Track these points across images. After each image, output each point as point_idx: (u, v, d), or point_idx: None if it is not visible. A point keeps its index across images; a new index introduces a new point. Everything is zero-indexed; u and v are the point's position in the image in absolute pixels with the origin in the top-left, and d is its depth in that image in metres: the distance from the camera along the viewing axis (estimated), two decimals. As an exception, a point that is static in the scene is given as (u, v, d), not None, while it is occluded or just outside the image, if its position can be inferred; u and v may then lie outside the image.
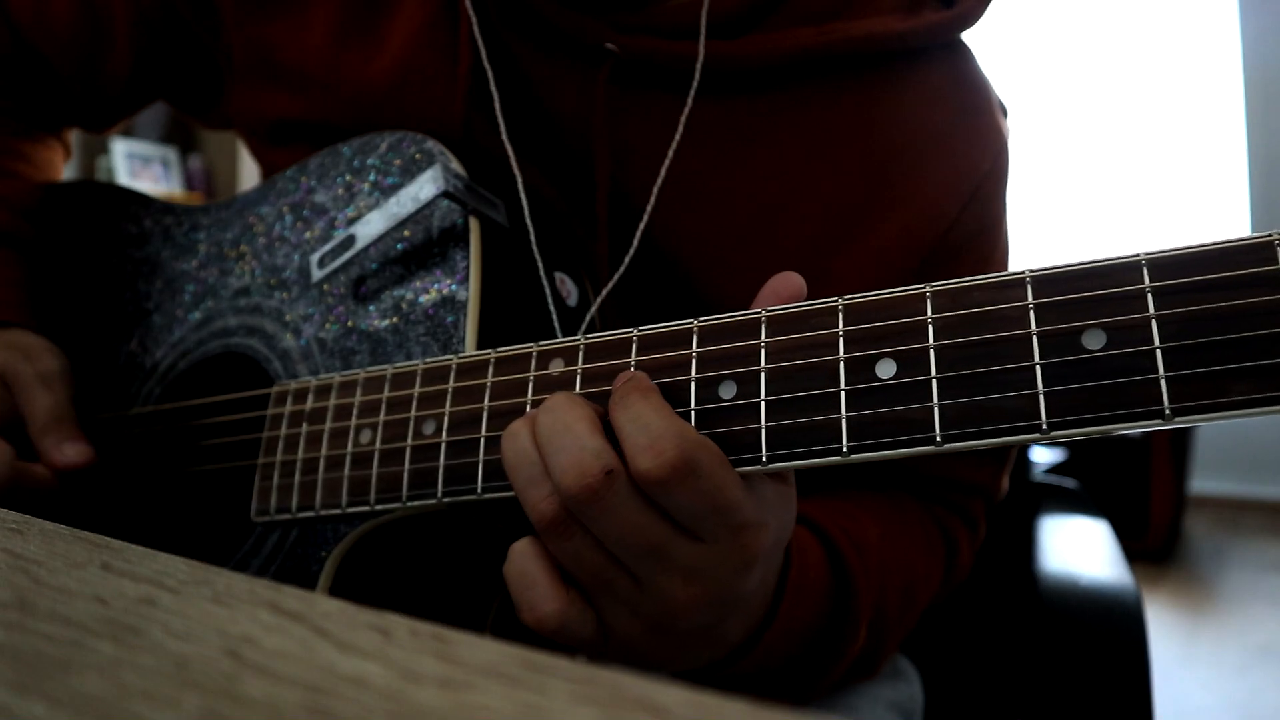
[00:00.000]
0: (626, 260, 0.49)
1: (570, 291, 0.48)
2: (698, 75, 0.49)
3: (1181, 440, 2.96)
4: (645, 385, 0.33)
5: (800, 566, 0.42)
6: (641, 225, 0.49)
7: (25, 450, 0.50)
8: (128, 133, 3.12)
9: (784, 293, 0.35)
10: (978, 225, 0.52)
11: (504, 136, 0.50)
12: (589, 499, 0.31)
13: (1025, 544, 0.71)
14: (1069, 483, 0.82)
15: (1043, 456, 2.74)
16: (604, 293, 0.49)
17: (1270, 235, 0.26)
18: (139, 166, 3.16)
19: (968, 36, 0.54)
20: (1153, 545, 2.94)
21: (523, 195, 0.49)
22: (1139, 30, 3.85)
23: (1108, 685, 0.55)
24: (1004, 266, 0.56)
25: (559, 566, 0.35)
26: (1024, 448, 0.77)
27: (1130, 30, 3.87)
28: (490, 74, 0.51)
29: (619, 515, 0.32)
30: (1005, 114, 0.56)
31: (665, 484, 0.31)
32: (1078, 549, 0.69)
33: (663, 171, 0.49)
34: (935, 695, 0.64)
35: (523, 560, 0.35)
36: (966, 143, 0.52)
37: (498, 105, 0.50)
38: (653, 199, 0.49)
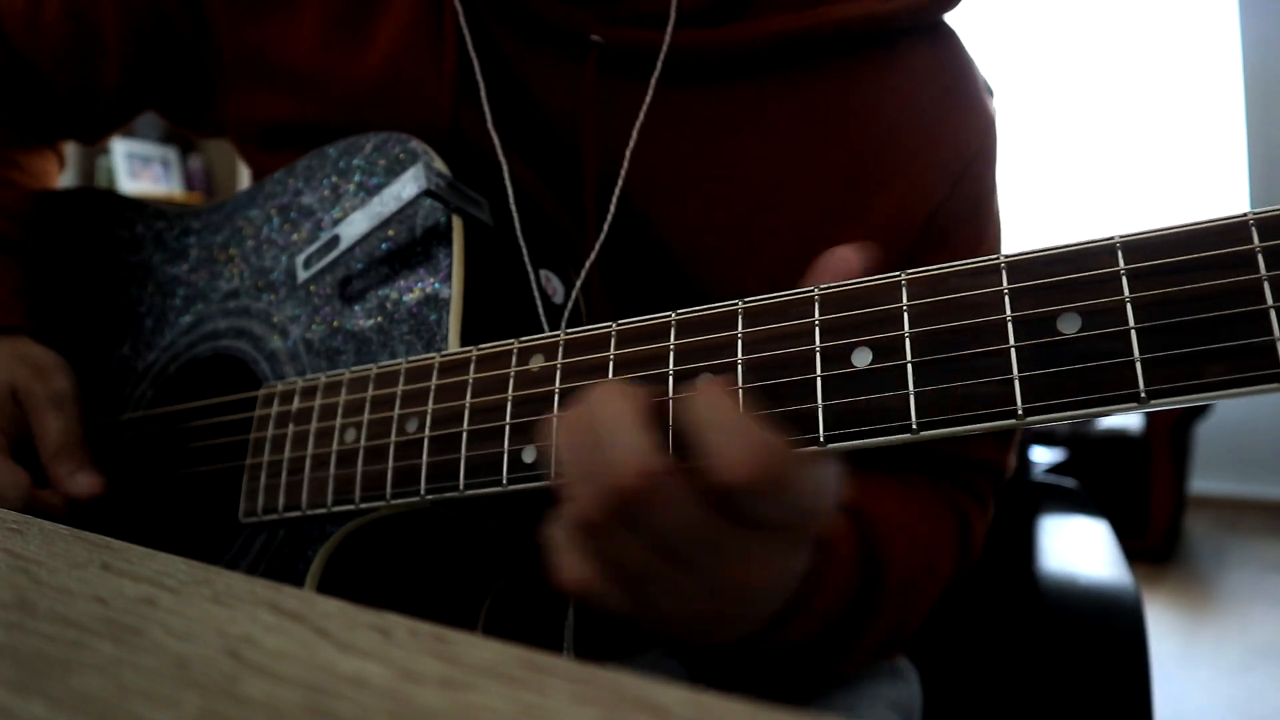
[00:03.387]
0: (599, 243, 0.49)
1: (556, 289, 0.48)
2: (661, 59, 0.49)
3: (1181, 440, 2.96)
4: (713, 383, 0.31)
5: (834, 543, 0.41)
6: (611, 209, 0.49)
7: (35, 466, 0.50)
8: (128, 133, 3.12)
9: (840, 269, 0.34)
10: (968, 206, 0.52)
11: (490, 126, 0.50)
12: (641, 497, 0.30)
13: (1025, 544, 0.71)
14: (1069, 482, 0.82)
15: (1043, 456, 2.74)
16: (581, 278, 0.49)
17: (1244, 216, 0.26)
18: (139, 167, 3.16)
19: (954, 21, 0.55)
20: (1153, 545, 2.94)
21: (508, 184, 0.49)
22: (1141, 26, 3.85)
23: (1107, 685, 0.55)
24: (996, 248, 0.56)
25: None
26: (1024, 447, 0.77)
27: (1132, 26, 3.87)
28: (476, 63, 0.51)
29: (673, 513, 0.30)
30: (991, 94, 0.56)
31: (752, 494, 0.29)
32: (1077, 549, 0.69)
33: (627, 156, 0.49)
34: (934, 695, 0.64)
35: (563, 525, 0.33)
36: (953, 123, 0.52)
37: (484, 94, 0.50)
38: (619, 183, 0.49)
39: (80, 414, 0.53)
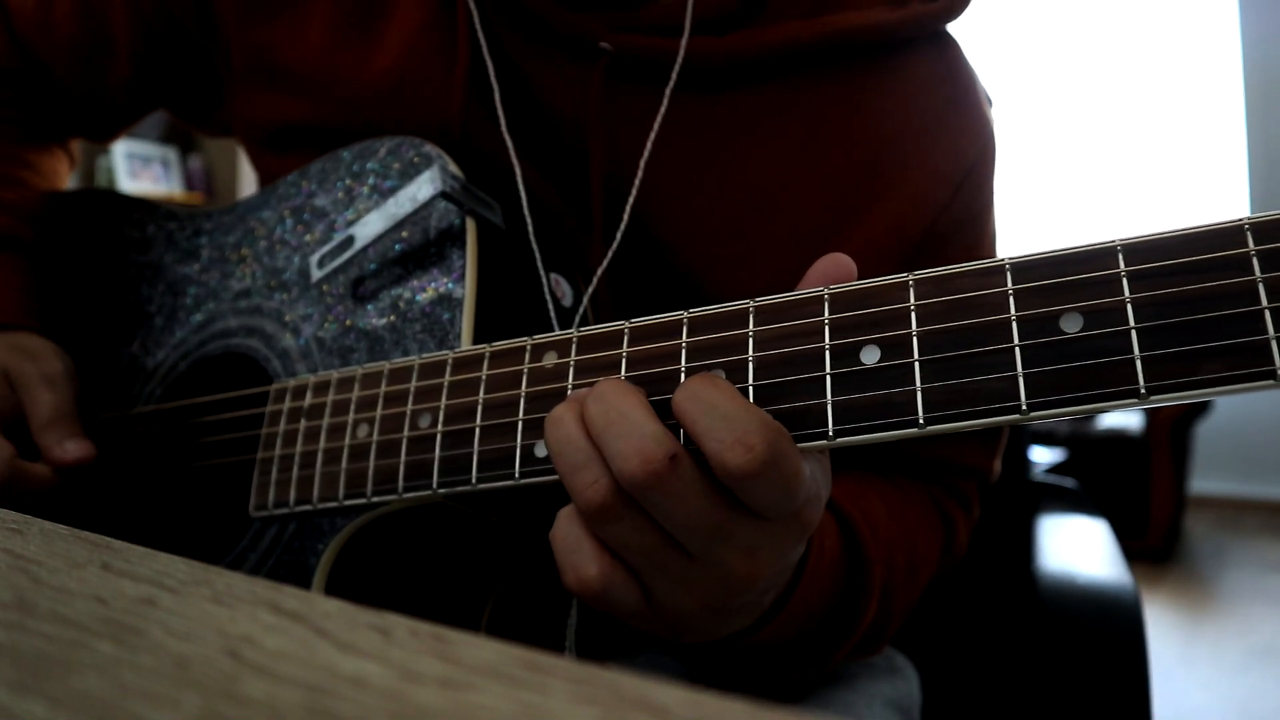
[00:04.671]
0: (611, 251, 0.50)
1: (565, 293, 0.48)
2: (676, 70, 0.49)
3: (1181, 440, 2.96)
4: (709, 374, 0.32)
5: (819, 539, 0.42)
6: (625, 218, 0.50)
7: (28, 451, 0.50)
8: (128, 133, 3.11)
9: (834, 274, 0.35)
10: (967, 213, 0.53)
11: (503, 129, 0.50)
12: (653, 484, 0.31)
13: (1024, 543, 0.71)
14: (1068, 482, 0.82)
15: (1042, 456, 2.74)
16: (595, 281, 0.50)
17: (1240, 220, 0.27)
18: (139, 167, 3.16)
19: (956, 29, 0.55)
20: (1153, 545, 2.94)
21: (521, 188, 0.49)
22: (1141, 27, 3.85)
23: (1106, 683, 0.55)
24: (991, 254, 0.56)
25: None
26: (1024, 447, 0.77)
27: (1132, 27, 3.87)
28: (491, 67, 0.51)
29: (683, 499, 0.31)
30: (990, 104, 0.56)
31: (754, 477, 0.30)
32: (1076, 548, 0.69)
33: (641, 166, 0.50)
34: (933, 693, 0.64)
35: (568, 524, 0.34)
36: (955, 132, 0.52)
37: (498, 98, 0.51)
38: (633, 192, 0.50)
39: (74, 394, 0.53)
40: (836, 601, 0.44)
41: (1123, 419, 3.10)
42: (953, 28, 0.55)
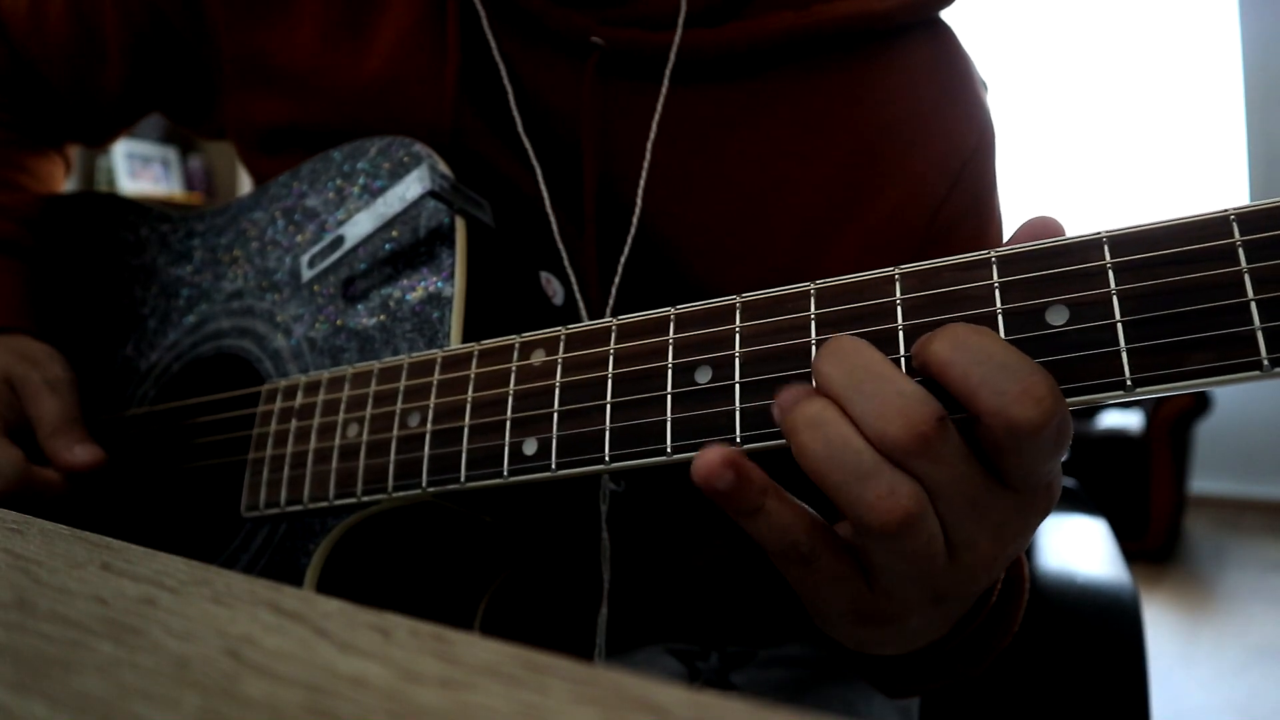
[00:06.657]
0: (625, 253, 0.49)
1: (556, 291, 0.48)
2: (671, 62, 0.49)
3: (1181, 440, 2.96)
4: (969, 324, 0.28)
5: None
6: (635, 217, 0.49)
7: (34, 456, 0.50)
8: (128, 133, 3.11)
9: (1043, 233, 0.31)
10: (970, 202, 0.52)
11: (520, 128, 0.51)
12: (920, 449, 0.27)
13: (1024, 543, 0.71)
14: (1068, 481, 0.82)
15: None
16: (617, 275, 0.49)
17: (1225, 211, 0.27)
18: (139, 167, 3.16)
19: (952, 18, 0.55)
20: (1152, 545, 2.94)
21: (541, 184, 0.49)
22: (1141, 25, 3.85)
23: (1105, 683, 0.55)
24: (999, 243, 0.56)
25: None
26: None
27: (1132, 25, 3.87)
28: (502, 67, 0.51)
29: (950, 466, 0.27)
30: (986, 89, 0.56)
31: (1040, 433, 0.26)
32: (1075, 547, 0.69)
33: (645, 162, 0.50)
34: (932, 692, 0.64)
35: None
36: (952, 120, 0.52)
37: (512, 99, 0.51)
38: (640, 189, 0.50)
39: (78, 400, 0.53)
40: (1005, 594, 0.42)
41: (1122, 418, 3.10)
42: (951, 24, 0.55)
